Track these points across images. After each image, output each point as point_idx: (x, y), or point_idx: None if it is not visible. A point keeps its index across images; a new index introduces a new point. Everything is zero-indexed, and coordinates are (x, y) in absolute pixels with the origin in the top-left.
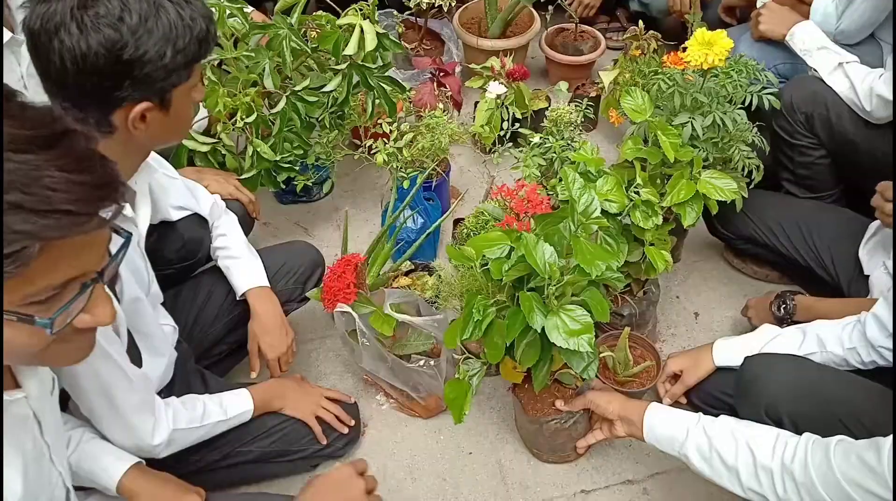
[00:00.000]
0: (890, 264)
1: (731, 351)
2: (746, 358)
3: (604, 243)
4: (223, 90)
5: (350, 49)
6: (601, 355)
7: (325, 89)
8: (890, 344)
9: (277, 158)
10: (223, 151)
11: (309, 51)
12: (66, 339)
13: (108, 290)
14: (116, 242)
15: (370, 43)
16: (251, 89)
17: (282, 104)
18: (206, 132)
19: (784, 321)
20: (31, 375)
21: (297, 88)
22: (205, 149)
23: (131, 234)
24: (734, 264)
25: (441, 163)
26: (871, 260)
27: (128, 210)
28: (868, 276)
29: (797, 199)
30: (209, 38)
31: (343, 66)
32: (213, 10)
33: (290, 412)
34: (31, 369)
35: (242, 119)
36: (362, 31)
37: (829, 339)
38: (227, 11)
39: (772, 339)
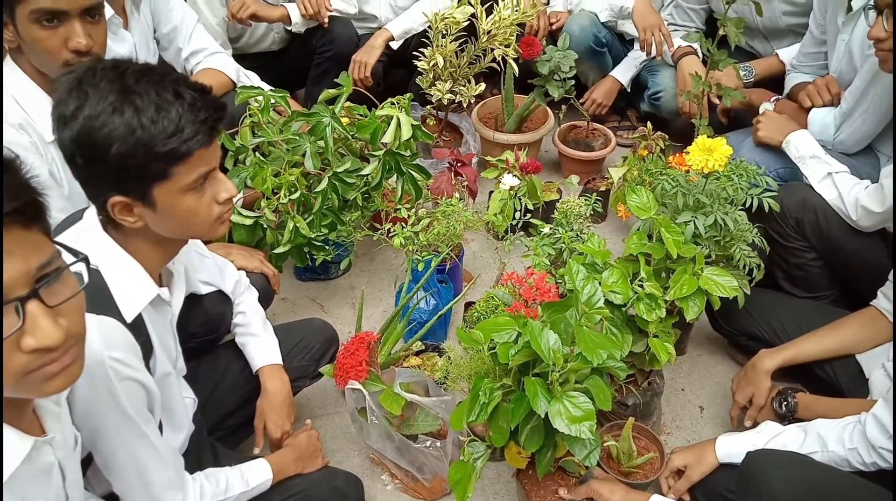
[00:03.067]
0: (889, 365)
1: (733, 447)
2: (748, 454)
3: (609, 332)
4: (270, 169)
5: (387, 137)
6: (605, 444)
7: (362, 173)
8: (890, 445)
9: (313, 236)
10: (265, 225)
11: (350, 137)
12: (31, 367)
13: (46, 307)
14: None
15: (406, 133)
16: (294, 169)
17: (324, 184)
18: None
19: (785, 418)
20: (55, 419)
21: (338, 170)
22: (248, 222)
23: (87, 256)
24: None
25: (455, 248)
26: (870, 362)
27: (165, 293)
28: (868, 378)
29: (796, 299)
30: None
31: (380, 152)
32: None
33: (310, 471)
34: (53, 413)
35: (287, 196)
36: (398, 122)
37: (831, 438)
38: (272, 100)
39: (774, 437)
